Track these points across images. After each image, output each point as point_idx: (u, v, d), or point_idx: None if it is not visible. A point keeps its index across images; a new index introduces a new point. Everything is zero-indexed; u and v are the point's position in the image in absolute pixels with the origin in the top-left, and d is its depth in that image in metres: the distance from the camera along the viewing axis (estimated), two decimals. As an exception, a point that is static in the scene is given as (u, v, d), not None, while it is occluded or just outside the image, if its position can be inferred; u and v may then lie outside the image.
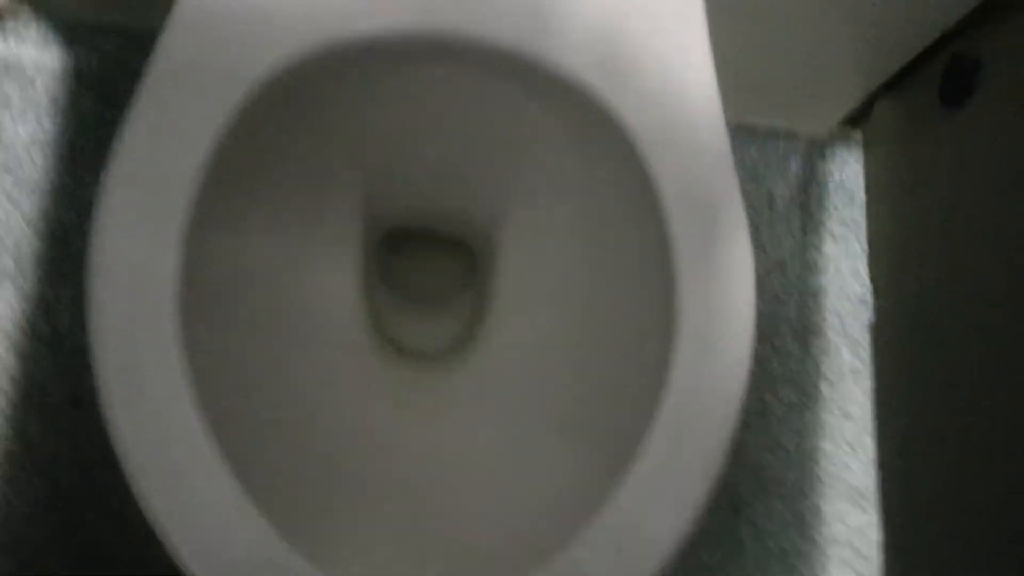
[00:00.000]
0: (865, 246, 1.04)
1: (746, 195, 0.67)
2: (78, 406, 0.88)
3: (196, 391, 0.51)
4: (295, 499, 0.55)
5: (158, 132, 0.55)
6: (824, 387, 0.99)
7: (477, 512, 0.65)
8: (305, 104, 0.63)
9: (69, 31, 0.96)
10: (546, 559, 0.51)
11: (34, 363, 0.89)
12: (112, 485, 0.86)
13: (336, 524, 0.58)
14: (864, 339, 1.01)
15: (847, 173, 1.05)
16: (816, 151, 1.04)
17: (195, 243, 0.54)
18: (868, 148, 1.05)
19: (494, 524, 0.63)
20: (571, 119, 0.64)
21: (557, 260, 0.73)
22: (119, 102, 0.95)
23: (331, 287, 0.75)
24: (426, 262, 0.88)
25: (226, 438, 0.51)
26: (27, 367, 0.88)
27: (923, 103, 0.93)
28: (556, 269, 0.73)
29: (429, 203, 0.80)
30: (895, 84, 0.96)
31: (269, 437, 0.60)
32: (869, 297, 1.02)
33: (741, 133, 1.02)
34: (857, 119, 1.03)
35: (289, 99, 0.60)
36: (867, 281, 1.02)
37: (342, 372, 0.73)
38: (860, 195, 1.05)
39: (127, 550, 0.85)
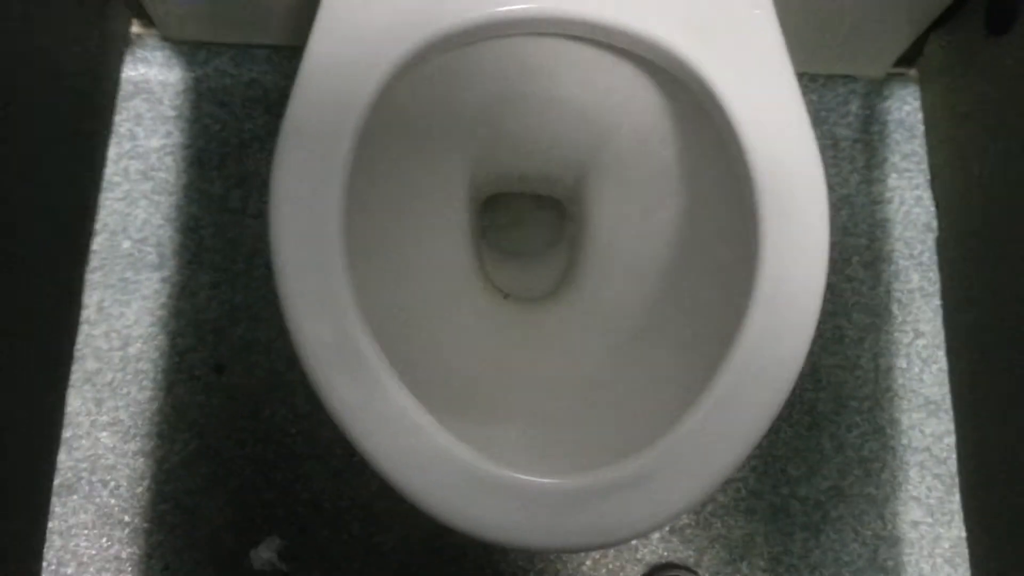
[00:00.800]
0: (927, 176, 1.12)
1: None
2: (220, 373, 1.03)
3: (366, 325, 0.63)
4: (444, 411, 0.67)
5: (310, 130, 0.66)
6: (895, 309, 1.09)
7: (587, 412, 0.78)
8: (429, 85, 0.76)
9: (188, 51, 1.11)
10: (655, 439, 0.62)
11: (180, 338, 1.04)
12: (253, 437, 1.01)
13: (474, 427, 0.71)
14: (931, 261, 1.10)
15: (905, 110, 1.13)
16: (874, 91, 1.13)
17: (351, 203, 0.66)
18: (924, 84, 1.13)
19: (604, 418, 0.76)
20: (660, 79, 0.75)
21: (646, 205, 0.85)
22: (235, 110, 1.09)
23: (446, 245, 0.88)
24: (522, 218, 1.01)
25: (392, 360, 0.63)
26: (174, 342, 1.04)
27: (971, 35, 1.01)
28: (646, 213, 0.85)
29: (530, 164, 0.92)
30: (943, 20, 1.05)
31: (418, 362, 0.73)
32: (933, 222, 1.11)
33: (803, 80, 1.11)
34: (911, 58, 1.12)
35: (416, 84, 0.72)
36: (931, 207, 1.11)
37: (462, 313, 0.87)
38: (919, 129, 1.13)
39: (268, 492, 1.00)
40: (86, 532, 0.98)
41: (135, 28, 1.11)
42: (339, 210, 0.65)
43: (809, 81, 1.13)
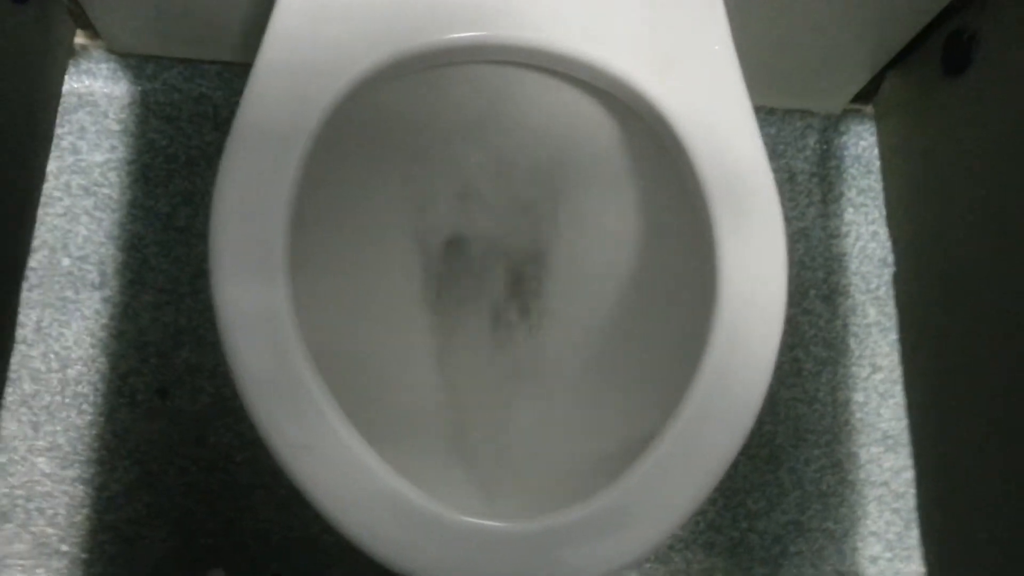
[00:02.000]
0: (883, 210, 1.17)
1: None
2: (164, 397, 1.03)
3: (309, 354, 0.63)
4: (390, 448, 0.67)
5: (257, 146, 0.67)
6: (852, 343, 1.13)
7: (541, 450, 0.79)
8: (380, 108, 0.77)
9: (135, 64, 1.12)
10: (614, 479, 0.63)
11: (122, 361, 1.03)
12: (197, 465, 1.01)
13: (425, 466, 0.71)
14: (887, 296, 1.15)
15: (861, 145, 1.19)
16: (831, 127, 1.18)
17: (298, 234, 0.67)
18: (880, 120, 1.18)
19: (560, 456, 0.77)
20: (617, 110, 0.78)
21: (604, 239, 0.87)
22: (182, 125, 1.10)
23: (398, 274, 0.89)
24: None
25: (336, 393, 0.64)
26: (115, 365, 1.03)
27: (928, 75, 1.07)
28: (603, 247, 0.87)
29: (486, 190, 0.93)
30: (900, 60, 1.11)
31: (364, 396, 0.73)
32: (889, 256, 1.16)
33: (760, 114, 1.16)
34: (868, 94, 1.18)
35: (366, 110, 0.74)
36: (887, 242, 1.16)
37: (412, 345, 0.88)
38: (875, 164, 1.19)
39: (212, 523, 1.00)
40: (21, 563, 0.96)
41: (80, 39, 1.11)
42: (284, 231, 0.65)
43: (767, 114, 1.18)
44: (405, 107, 0.80)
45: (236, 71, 1.12)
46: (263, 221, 0.65)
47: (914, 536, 1.07)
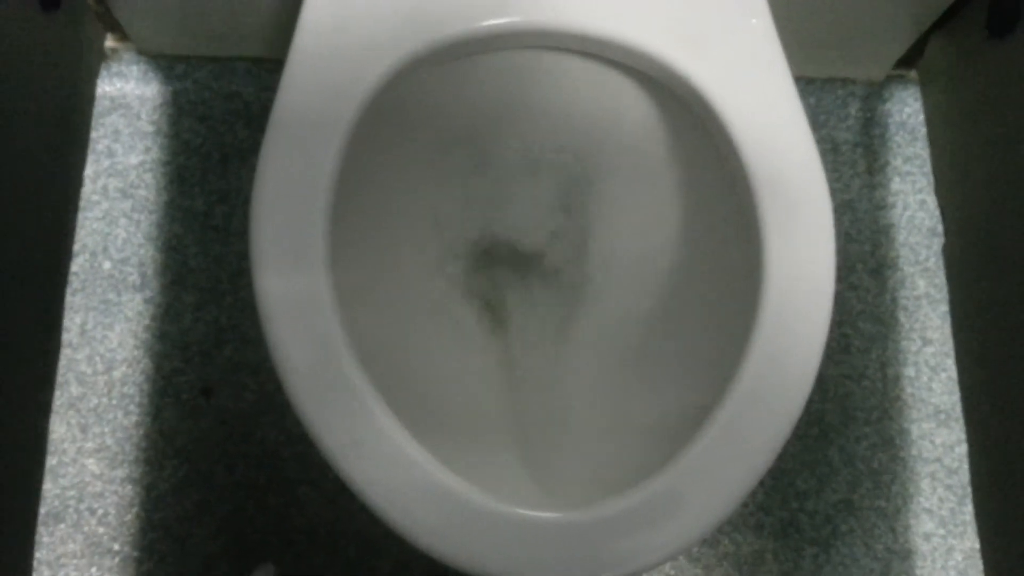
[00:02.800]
0: (931, 179, 1.16)
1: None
2: (208, 396, 1.05)
3: (354, 350, 0.65)
4: (438, 440, 0.68)
5: (295, 138, 0.69)
6: (902, 316, 1.12)
7: (585, 448, 0.80)
8: (417, 98, 0.78)
9: (166, 65, 1.14)
10: (663, 466, 0.64)
11: (166, 361, 1.06)
12: (244, 462, 1.04)
13: (472, 457, 0.72)
14: (937, 267, 1.13)
15: (906, 112, 1.17)
16: (874, 94, 1.17)
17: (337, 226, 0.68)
18: (925, 86, 1.17)
19: (600, 456, 0.78)
20: (655, 91, 0.78)
21: (645, 223, 0.87)
22: (214, 124, 1.12)
23: (440, 266, 0.90)
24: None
25: (381, 387, 0.65)
26: (159, 365, 1.06)
27: (972, 37, 1.06)
28: (645, 231, 0.87)
29: (522, 182, 0.94)
30: (944, 22, 1.09)
31: (409, 390, 0.74)
32: (939, 226, 1.15)
33: (800, 84, 1.13)
34: (911, 59, 1.16)
35: (401, 101, 0.75)
36: (935, 211, 1.15)
37: (455, 336, 0.89)
38: (921, 131, 1.17)
39: (261, 519, 1.03)
40: (75, 562, 1.00)
41: (110, 42, 1.14)
42: (325, 222, 0.67)
43: (807, 84, 1.17)
44: (439, 96, 0.81)
45: (266, 67, 1.14)
46: (303, 212, 0.67)
47: (968, 512, 1.07)
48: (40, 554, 1.00)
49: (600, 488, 0.66)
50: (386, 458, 0.62)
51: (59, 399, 1.04)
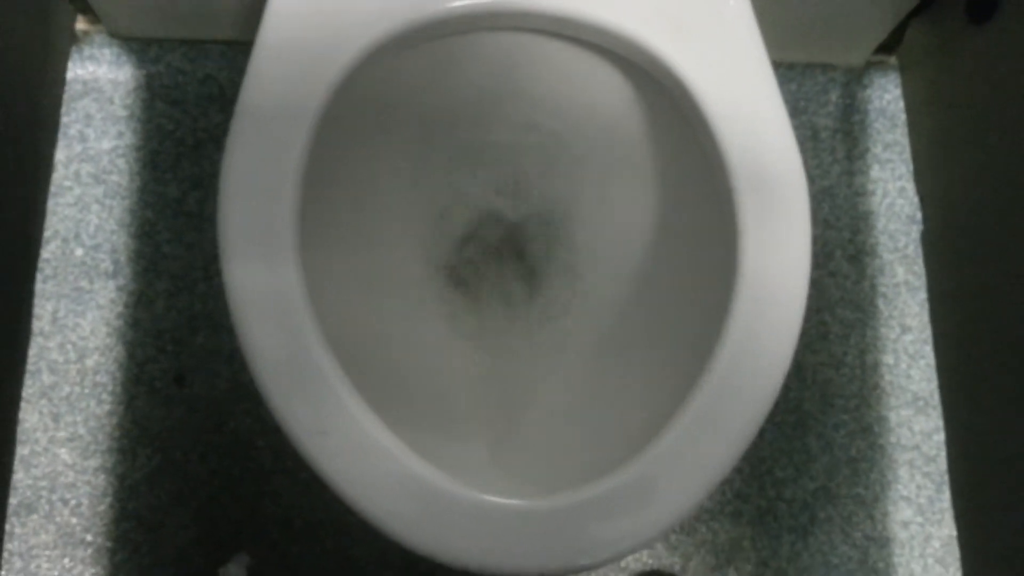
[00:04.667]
0: (910, 166, 1.17)
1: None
2: (181, 384, 1.06)
3: (323, 335, 0.65)
4: (408, 429, 0.69)
5: (262, 125, 0.68)
6: (881, 303, 1.13)
7: (557, 438, 0.80)
8: (388, 82, 0.78)
9: (138, 48, 1.13)
10: (636, 454, 0.65)
11: (139, 349, 1.06)
12: (218, 451, 1.04)
13: (442, 445, 0.73)
14: (915, 254, 1.14)
15: (886, 98, 1.18)
16: (854, 80, 1.18)
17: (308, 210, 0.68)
18: (904, 72, 1.17)
19: (572, 446, 0.78)
20: (633, 74, 0.78)
21: (621, 208, 0.88)
22: (188, 108, 1.12)
23: (411, 252, 0.90)
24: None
25: (350, 373, 0.65)
26: (132, 353, 1.06)
27: (952, 23, 1.06)
28: (620, 218, 0.88)
29: (499, 165, 0.94)
30: (923, 8, 1.09)
31: (379, 376, 0.75)
32: (918, 214, 1.15)
33: (780, 69, 1.16)
34: (891, 45, 1.17)
35: (373, 83, 0.75)
36: (915, 199, 1.16)
37: (427, 323, 0.89)
38: (900, 118, 1.18)
39: (235, 509, 1.03)
40: (47, 553, 1.00)
41: (81, 25, 1.13)
42: (294, 208, 0.66)
43: (787, 70, 1.17)
44: (414, 80, 0.81)
45: (240, 49, 1.13)
46: (271, 201, 0.67)
47: (946, 499, 1.08)
48: (11, 545, 1.00)
49: (571, 476, 0.67)
50: (354, 445, 0.63)
51: (30, 388, 1.03)
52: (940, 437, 1.10)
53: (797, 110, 1.17)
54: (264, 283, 0.65)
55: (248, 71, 0.70)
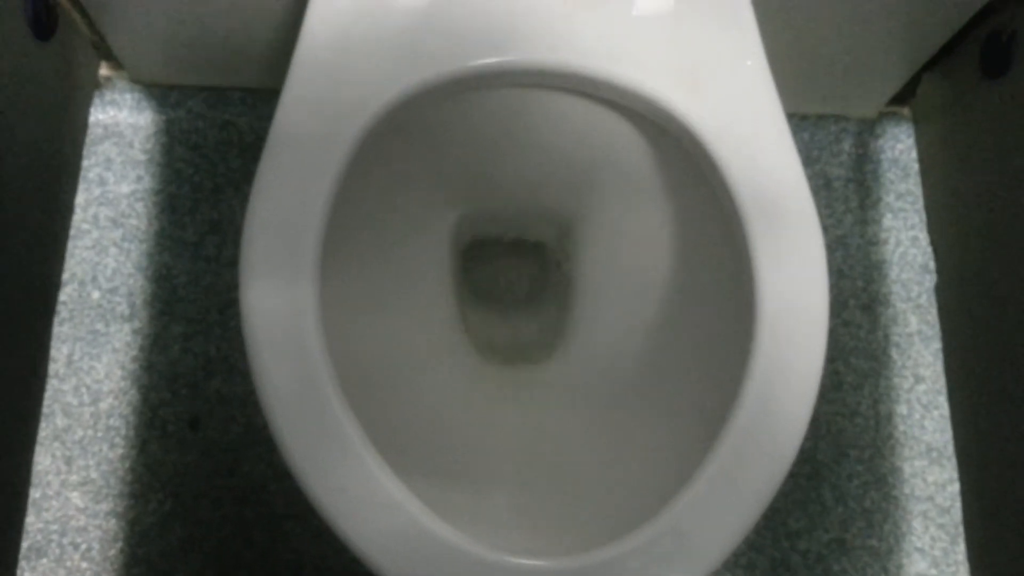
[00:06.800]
0: (923, 216, 1.16)
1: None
2: (195, 428, 1.05)
3: (344, 396, 0.64)
4: (427, 479, 0.68)
5: (288, 176, 0.69)
6: (894, 353, 1.13)
7: (578, 490, 0.79)
8: (411, 132, 0.79)
9: (159, 94, 1.14)
10: (645, 521, 0.64)
11: (153, 393, 1.06)
12: (230, 496, 1.03)
13: (458, 495, 0.72)
14: (929, 304, 1.14)
15: (899, 149, 1.18)
16: (867, 130, 1.18)
17: (327, 270, 0.68)
18: (918, 123, 1.18)
19: (594, 498, 0.77)
20: (648, 129, 0.79)
21: (635, 258, 0.88)
22: (207, 153, 1.12)
23: (428, 296, 0.90)
24: (503, 270, 1.03)
25: (369, 430, 0.64)
26: (146, 396, 1.06)
27: (966, 77, 1.07)
28: (635, 266, 0.88)
29: (515, 213, 0.95)
30: (938, 61, 1.10)
31: (396, 422, 0.74)
32: (931, 263, 1.15)
33: (793, 120, 1.16)
34: (904, 96, 1.17)
35: (396, 132, 0.76)
36: (928, 248, 1.15)
37: (444, 369, 0.89)
38: (914, 168, 1.18)
39: (247, 554, 1.02)
40: (57, 598, 0.99)
41: (104, 71, 1.14)
42: (315, 252, 0.67)
43: (800, 120, 1.18)
44: (434, 129, 0.81)
45: (260, 96, 1.14)
46: (296, 234, 0.67)
47: (960, 551, 1.07)
48: (22, 589, 0.99)
49: (592, 532, 0.66)
50: (373, 504, 0.62)
51: (44, 430, 1.03)
52: (954, 488, 1.09)
53: (810, 159, 1.17)
54: (283, 315, 0.65)
55: (274, 124, 0.70)
